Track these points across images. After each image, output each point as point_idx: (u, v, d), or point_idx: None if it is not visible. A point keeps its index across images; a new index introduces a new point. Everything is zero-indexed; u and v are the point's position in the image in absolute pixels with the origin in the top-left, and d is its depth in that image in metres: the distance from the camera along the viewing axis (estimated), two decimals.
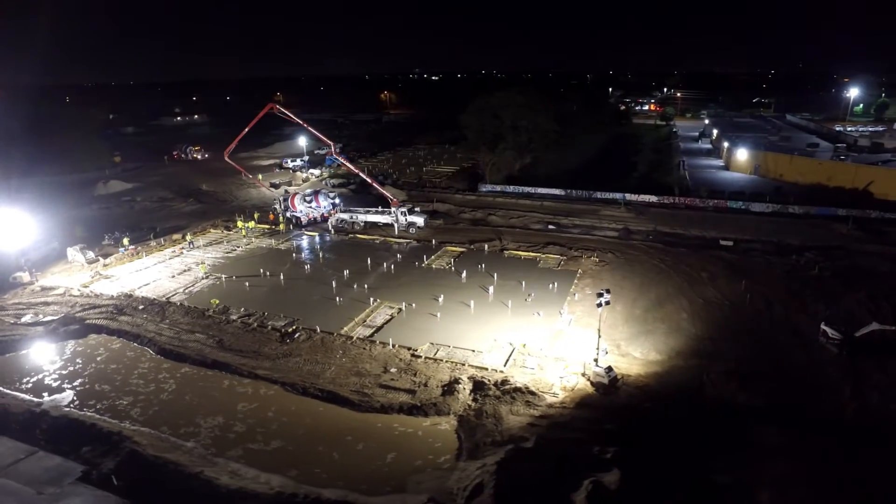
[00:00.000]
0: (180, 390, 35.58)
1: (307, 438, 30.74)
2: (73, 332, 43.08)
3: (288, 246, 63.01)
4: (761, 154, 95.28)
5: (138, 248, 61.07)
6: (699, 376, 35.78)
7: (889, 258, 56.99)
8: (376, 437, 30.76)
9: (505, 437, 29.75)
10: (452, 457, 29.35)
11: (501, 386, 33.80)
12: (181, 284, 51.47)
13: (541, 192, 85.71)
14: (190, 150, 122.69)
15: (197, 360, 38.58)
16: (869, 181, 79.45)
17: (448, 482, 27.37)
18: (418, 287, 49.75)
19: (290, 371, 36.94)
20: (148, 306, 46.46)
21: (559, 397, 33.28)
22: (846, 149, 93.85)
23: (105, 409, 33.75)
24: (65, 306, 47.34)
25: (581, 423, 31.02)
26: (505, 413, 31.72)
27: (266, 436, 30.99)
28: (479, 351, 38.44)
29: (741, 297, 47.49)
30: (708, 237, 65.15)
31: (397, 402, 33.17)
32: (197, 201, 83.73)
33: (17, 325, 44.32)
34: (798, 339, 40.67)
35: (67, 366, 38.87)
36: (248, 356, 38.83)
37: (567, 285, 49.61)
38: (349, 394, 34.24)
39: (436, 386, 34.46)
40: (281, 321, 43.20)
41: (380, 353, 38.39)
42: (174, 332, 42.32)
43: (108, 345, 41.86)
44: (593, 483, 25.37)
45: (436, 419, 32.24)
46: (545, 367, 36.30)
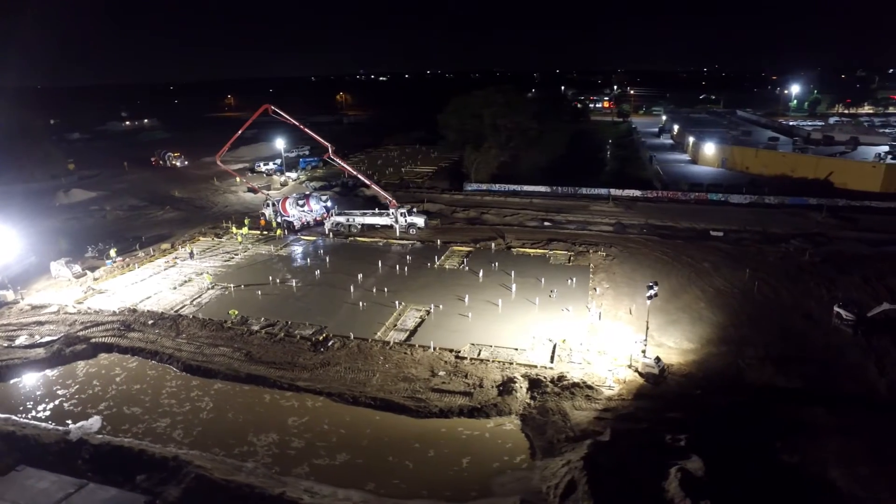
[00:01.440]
0: (220, 408, 33.66)
1: (373, 449, 29.77)
2: (80, 353, 39.95)
3: (288, 252, 60.88)
4: (728, 148, 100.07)
5: (126, 259, 57.36)
6: (734, 362, 37.20)
7: (866, 242, 61.20)
8: (444, 443, 30.19)
9: (577, 433, 29.88)
10: (527, 456, 29.23)
11: (558, 382, 33.94)
12: (186, 296, 48.73)
13: (527, 190, 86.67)
14: (169, 157, 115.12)
15: (229, 375, 36.63)
16: (829, 171, 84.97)
17: (532, 482, 27.25)
18: (438, 288, 49.20)
19: (332, 381, 35.68)
20: (158, 321, 43.72)
21: (615, 390, 33.75)
22: (803, 142, 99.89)
23: (143, 433, 31.49)
24: (62, 325, 43.84)
25: (644, 413, 31.57)
26: (569, 409, 31.87)
27: (329, 450, 29.79)
28: (522, 349, 38.44)
29: (748, 284, 49.61)
30: (698, 228, 67.80)
31: (456, 406, 32.67)
32: (173, 209, 79.48)
33: (13, 349, 40.66)
34: (812, 323, 42.91)
35: (85, 389, 36.01)
36: (284, 368, 37.23)
37: (584, 280, 50.37)
38: (403, 400, 33.43)
39: (491, 386, 34.18)
40: (308, 329, 41.70)
41: (422, 356, 37.69)
42: (195, 347, 40.00)
43: (124, 364, 39.10)
44: (680, 470, 25.81)
45: (498, 420, 32.00)
46: (592, 361, 36.70)
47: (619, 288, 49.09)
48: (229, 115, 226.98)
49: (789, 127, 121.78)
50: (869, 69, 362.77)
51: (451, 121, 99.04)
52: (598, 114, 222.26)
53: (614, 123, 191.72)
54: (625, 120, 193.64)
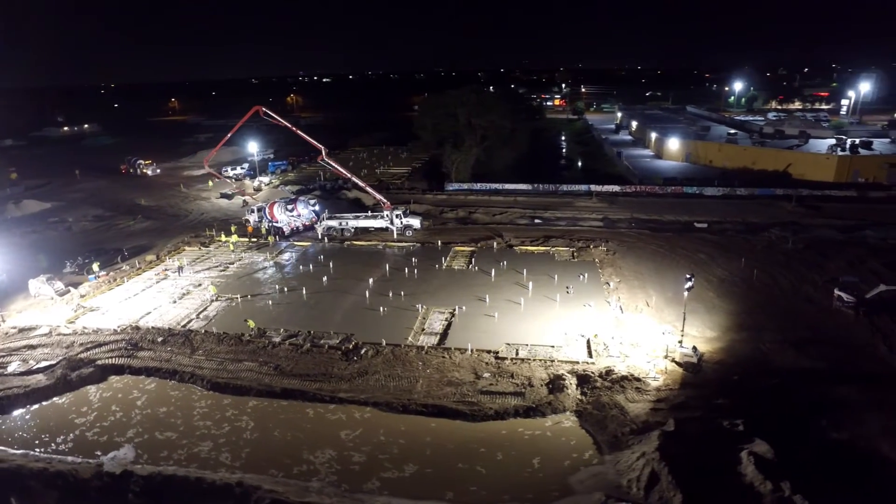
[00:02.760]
0: (262, 426, 31.92)
1: (439, 457, 29.11)
2: (88, 377, 36.83)
3: (286, 258, 58.59)
4: (691, 143, 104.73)
5: (110, 273, 53.47)
6: (757, 347, 38.92)
7: (836, 229, 65.60)
8: (508, 445, 29.93)
9: (638, 425, 30.36)
10: (595, 452, 29.41)
11: (607, 376, 34.38)
12: (190, 309, 45.97)
13: (509, 188, 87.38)
14: (140, 165, 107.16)
15: (263, 391, 34.83)
16: (788, 164, 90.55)
17: (609, 476, 27.47)
18: (454, 289, 48.76)
19: (375, 390, 34.63)
20: (168, 337, 40.98)
21: (660, 381, 34.51)
22: (760, 136, 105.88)
23: (186, 458, 29.43)
24: (58, 348, 40.31)
25: (694, 401, 32.48)
26: (623, 402, 32.33)
27: (395, 461, 28.87)
28: (559, 346, 38.69)
29: (746, 273, 52.01)
30: (682, 221, 70.53)
31: (511, 407, 32.48)
32: (145, 218, 74.75)
33: (7, 377, 37.01)
34: (814, 306, 45.55)
35: (105, 415, 33.23)
36: (319, 379, 35.78)
37: (594, 275, 51.30)
38: (455, 405, 32.90)
39: (540, 385, 34.21)
40: (334, 338, 40.27)
41: (462, 359, 37.21)
42: (217, 363, 37.78)
43: (141, 386, 36.38)
44: (751, 454, 26.69)
45: (555, 418, 32.09)
46: (629, 354, 37.39)
47: (629, 281, 50.31)
48: (174, 119, 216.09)
49: (741, 122, 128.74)
50: (789, 69, 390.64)
51: (426, 121, 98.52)
52: (551, 111, 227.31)
53: (569, 121, 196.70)
54: (579, 117, 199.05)
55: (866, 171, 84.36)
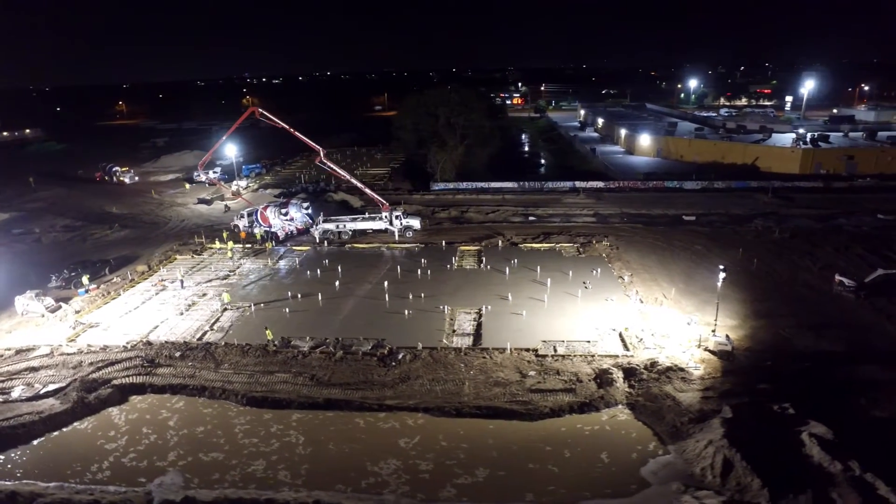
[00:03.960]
0: (314, 440, 30.58)
1: (507, 459, 28.74)
2: (107, 398, 34.25)
3: (287, 264, 56.45)
4: (663, 139, 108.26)
5: (101, 286, 50.00)
6: (777, 333, 40.52)
7: (813, 218, 69.32)
8: (572, 442, 29.94)
9: (695, 414, 30.96)
10: (657, 442, 29.75)
11: (652, 369, 34.93)
12: (201, 321, 43.58)
13: (495, 187, 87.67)
14: (116, 172, 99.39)
15: (305, 403, 33.42)
16: (755, 157, 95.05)
17: (678, 466, 27.93)
18: (472, 289, 48.41)
19: (422, 395, 33.86)
20: (186, 352, 38.66)
21: (701, 370, 35.34)
22: (725, 131, 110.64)
23: (242, 479, 27.81)
24: (64, 369, 37.29)
25: (739, 388, 33.45)
26: (673, 392, 32.94)
27: (464, 467, 28.28)
28: (594, 340, 39.03)
29: (745, 263, 54.08)
30: (670, 214, 72.73)
31: (565, 403, 32.51)
32: (122, 227, 70.35)
33: (14, 403, 33.89)
34: (814, 291, 47.87)
35: (138, 439, 30.96)
36: (361, 388, 34.67)
37: (606, 270, 52.12)
38: (508, 405, 32.63)
39: (588, 380, 34.37)
40: (366, 345, 39.11)
41: (503, 359, 36.94)
42: (247, 377, 35.94)
43: (168, 405, 34.13)
44: (812, 436, 27.71)
45: (609, 411, 32.39)
46: (663, 346, 38.13)
47: (640, 275, 51.36)
48: (124, 123, 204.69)
49: (703, 118, 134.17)
50: (727, 67, 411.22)
51: (406, 121, 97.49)
52: (512, 110, 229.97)
53: (531, 119, 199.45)
54: (542, 115, 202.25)
55: (827, 164, 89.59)
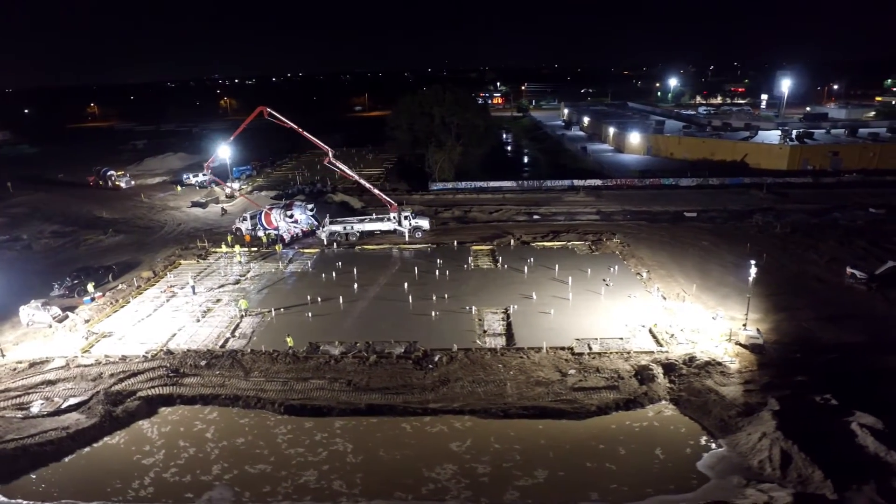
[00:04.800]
0: (363, 448, 29.76)
1: (564, 459, 28.47)
2: (136, 411, 32.75)
3: (300, 267, 55.09)
4: (652, 137, 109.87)
5: (107, 294, 47.99)
6: (799, 325, 41.27)
7: (808, 213, 71.07)
8: (624, 439, 29.89)
9: (741, 407, 31.22)
10: (707, 437, 29.88)
11: (690, 364, 35.13)
12: (219, 328, 42.17)
13: (494, 186, 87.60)
14: (111, 176, 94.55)
15: (346, 410, 32.56)
16: (744, 154, 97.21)
17: (734, 459, 28.09)
18: (493, 289, 48.10)
19: (465, 397, 33.36)
20: (211, 360, 37.28)
21: (737, 364, 35.70)
22: (713, 129, 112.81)
23: (295, 491, 26.87)
24: (83, 381, 35.55)
25: (777, 380, 33.92)
26: (714, 386, 33.18)
27: (522, 468, 27.91)
28: (627, 337, 39.11)
29: (753, 256, 54.83)
30: (671, 211, 73.69)
31: (611, 401, 32.45)
32: (116, 232, 67.72)
33: (35, 419, 32.12)
34: (826, 284, 48.97)
35: (176, 453, 29.63)
36: (401, 392, 33.98)
37: (623, 267, 52.37)
38: (554, 404, 32.44)
39: (628, 377, 34.36)
40: (398, 348, 38.41)
41: (540, 358, 36.71)
42: (281, 384, 34.84)
43: (201, 416, 32.82)
44: (863, 426, 28.17)
45: (654, 407, 32.46)
46: (696, 341, 38.43)
47: (656, 271, 51.79)
48: (97, 125, 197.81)
49: (688, 116, 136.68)
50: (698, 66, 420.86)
51: (401, 121, 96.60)
52: (493, 109, 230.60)
53: (514, 118, 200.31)
54: (524, 114, 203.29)
55: (814, 160, 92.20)
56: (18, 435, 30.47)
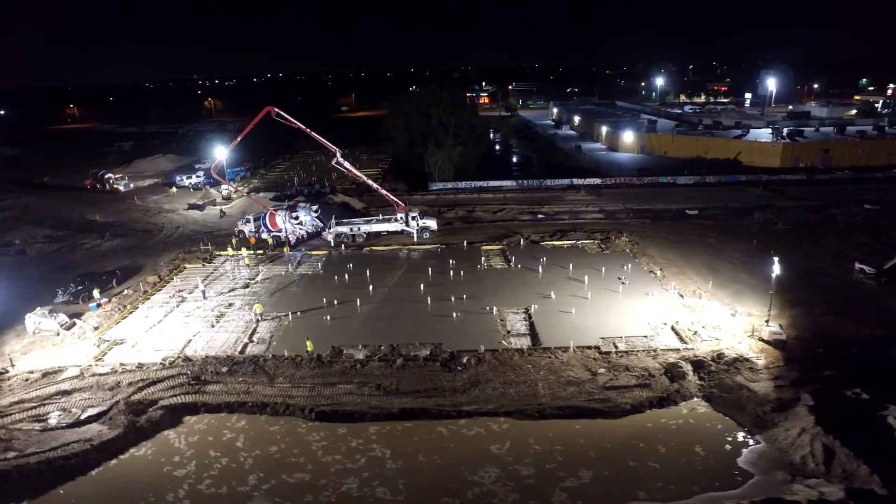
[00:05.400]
0: (401, 453, 29.20)
1: (606, 459, 28.31)
2: (159, 421, 31.69)
3: (310, 270, 54.09)
4: (646, 135, 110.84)
5: (113, 300, 46.53)
6: (816, 320, 41.78)
7: (806, 210, 72.15)
8: (662, 437, 29.87)
9: (774, 402, 31.41)
10: (745, 433, 29.97)
11: (719, 361, 35.24)
12: (236, 333, 41.14)
13: (494, 185, 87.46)
14: (109, 180, 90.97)
15: (380, 415, 31.93)
16: (738, 152, 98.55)
17: (774, 455, 28.23)
18: (510, 289, 47.83)
19: (498, 398, 33.03)
20: (233, 366, 36.30)
21: (763, 360, 35.94)
22: (705, 127, 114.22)
23: (338, 499, 26.27)
24: (100, 390, 34.34)
25: (805, 375, 34.19)
26: (745, 382, 33.37)
27: (566, 468, 27.66)
28: (651, 335, 39.16)
29: (761, 253, 55.51)
30: (673, 209, 74.30)
31: (645, 399, 32.42)
32: (113, 236, 65.82)
33: (54, 431, 30.89)
34: (835, 279, 49.70)
35: (207, 464, 28.71)
36: (432, 395, 33.49)
37: (636, 265, 52.51)
38: (588, 403, 32.30)
39: (659, 375, 34.36)
40: (423, 350, 37.89)
41: (569, 358, 36.53)
42: (308, 390, 34.07)
43: (228, 424, 31.90)
44: None
45: (687, 405, 32.53)
46: (719, 337, 38.61)
47: (668, 269, 52.04)
48: (78, 126, 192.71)
49: (678, 114, 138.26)
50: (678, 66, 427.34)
51: (398, 121, 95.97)
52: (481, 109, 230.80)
53: (503, 117, 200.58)
54: (513, 114, 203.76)
55: (805, 157, 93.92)
56: (40, 448, 29.28)
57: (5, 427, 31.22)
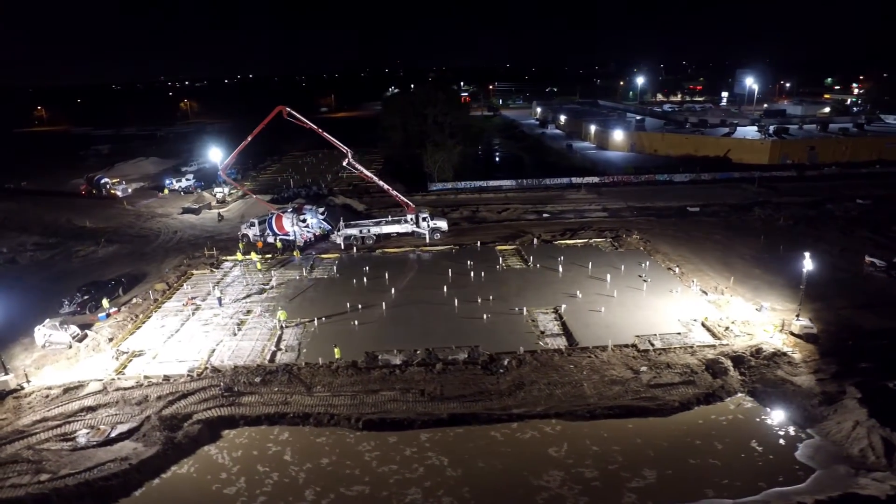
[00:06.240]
0: (459, 461, 28.46)
1: (667, 458, 28.14)
2: (198, 436, 30.20)
3: (325, 274, 52.67)
4: (636, 134, 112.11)
5: (123, 310, 44.43)
6: (838, 313, 42.56)
7: (803, 205, 73.80)
8: (717, 433, 29.92)
9: (819, 395, 31.74)
10: (796, 427, 30.16)
11: (758, 356, 35.48)
12: (262, 341, 39.69)
13: (493, 185, 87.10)
14: (106, 185, 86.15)
15: (429, 422, 31.16)
16: (727, 149, 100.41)
17: (829, 448, 28.52)
18: (533, 289, 47.51)
19: (545, 400, 32.60)
20: (266, 376, 34.93)
21: (799, 354, 36.34)
22: (692, 126, 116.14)
23: None
24: (127, 405, 32.59)
25: (843, 368, 34.64)
26: (786, 376, 33.67)
27: (629, 469, 27.36)
28: (684, 332, 39.23)
29: (770, 249, 56.51)
30: (674, 206, 75.08)
31: (692, 396, 32.42)
32: (109, 242, 63.04)
33: (85, 451, 29.11)
34: (846, 273, 50.78)
35: (258, 479, 27.45)
36: (479, 399, 32.84)
37: (653, 263, 52.72)
38: (636, 402, 32.17)
39: (701, 371, 34.39)
40: (459, 353, 37.15)
41: (609, 356, 36.35)
42: (350, 398, 33.01)
43: (271, 437, 30.63)
44: None
45: (733, 400, 32.66)
46: (751, 333, 38.93)
47: (685, 266, 52.42)
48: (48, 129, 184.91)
49: (662, 113, 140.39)
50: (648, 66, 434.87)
51: (394, 120, 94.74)
52: None
53: (486, 117, 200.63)
54: (495, 114, 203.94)
55: (793, 154, 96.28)
56: (74, 469, 27.57)
57: (32, 448, 29.34)
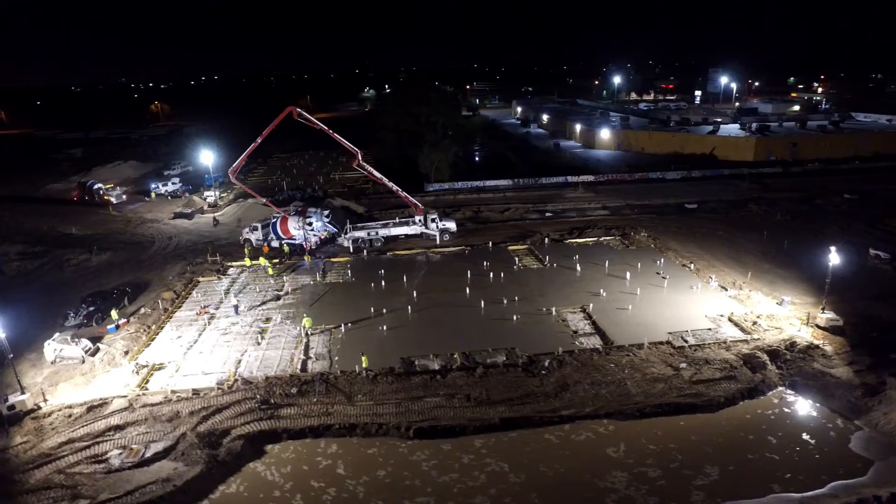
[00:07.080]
0: (520, 466, 27.85)
1: (724, 454, 28.19)
2: (241, 453, 28.74)
3: (340, 278, 51.27)
4: (622, 132, 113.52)
5: (133, 321, 42.26)
6: (855, 305, 43.56)
7: (795, 201, 75.70)
8: (767, 427, 30.17)
9: (860, 387, 32.30)
10: (842, 419, 30.65)
11: (792, 349, 35.95)
12: (288, 349, 38.25)
13: (490, 185, 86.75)
14: (99, 190, 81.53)
15: (482, 427, 30.43)
16: (713, 147, 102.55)
17: (882, 439, 29.00)
18: (556, 288, 47.34)
19: (592, 400, 32.32)
20: (301, 386, 33.59)
21: (830, 346, 37.00)
22: (676, 124, 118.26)
23: None
24: (158, 422, 30.84)
25: (877, 360, 35.29)
26: (823, 368, 34.23)
27: (691, 467, 27.27)
28: (714, 328, 39.55)
29: (775, 244, 57.60)
30: (672, 203, 76.07)
31: (736, 391, 32.63)
32: (101, 250, 60.01)
33: (121, 473, 27.35)
34: (851, 265, 51.93)
35: (314, 495, 26.30)
36: (526, 401, 32.34)
37: (668, 260, 53.14)
38: (683, 399, 32.20)
39: (740, 366, 34.65)
40: (496, 356, 36.54)
41: (647, 354, 36.32)
42: (395, 406, 32.03)
43: (318, 450, 29.48)
44: None
45: (775, 394, 33.00)
46: (780, 327, 39.48)
47: (697, 262, 52.96)
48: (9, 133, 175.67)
49: (645, 111, 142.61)
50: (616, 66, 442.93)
51: (387, 121, 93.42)
52: None
53: (466, 117, 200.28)
54: (475, 113, 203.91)
55: (776, 151, 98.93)
56: (114, 493, 25.87)
57: (63, 471, 27.40)
